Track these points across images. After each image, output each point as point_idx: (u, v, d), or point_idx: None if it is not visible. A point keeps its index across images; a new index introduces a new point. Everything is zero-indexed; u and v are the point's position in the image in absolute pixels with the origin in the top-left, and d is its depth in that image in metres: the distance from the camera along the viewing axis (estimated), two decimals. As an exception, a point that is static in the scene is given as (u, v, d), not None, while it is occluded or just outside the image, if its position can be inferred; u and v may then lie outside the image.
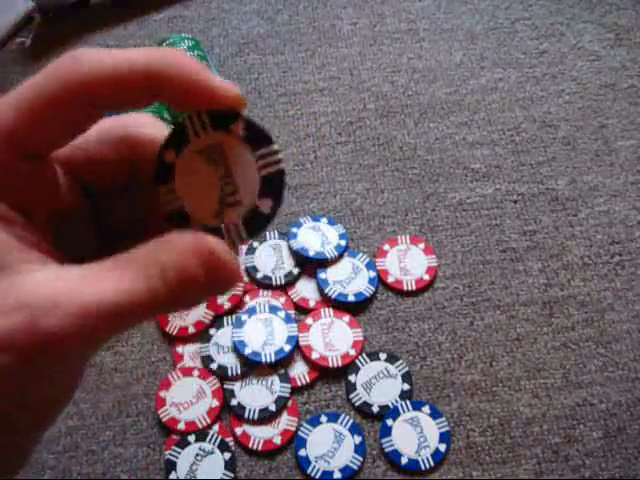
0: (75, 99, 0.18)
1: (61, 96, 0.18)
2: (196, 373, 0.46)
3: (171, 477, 0.42)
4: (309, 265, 0.50)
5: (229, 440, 0.44)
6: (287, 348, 0.46)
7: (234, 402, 0.45)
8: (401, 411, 0.44)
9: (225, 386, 0.45)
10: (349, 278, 0.49)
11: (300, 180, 0.55)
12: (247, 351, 0.46)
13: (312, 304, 0.49)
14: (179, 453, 0.43)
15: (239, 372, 0.46)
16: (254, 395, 0.45)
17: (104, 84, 0.18)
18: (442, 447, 0.43)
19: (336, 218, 0.53)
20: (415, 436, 0.43)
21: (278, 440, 0.44)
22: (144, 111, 0.38)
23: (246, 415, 0.44)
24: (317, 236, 0.51)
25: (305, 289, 0.49)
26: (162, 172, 0.20)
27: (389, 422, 0.44)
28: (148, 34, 0.64)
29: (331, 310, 0.48)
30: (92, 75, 0.18)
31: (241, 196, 0.20)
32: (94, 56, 0.19)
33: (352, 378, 0.46)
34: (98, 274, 0.17)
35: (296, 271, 0.50)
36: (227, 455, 0.43)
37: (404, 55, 0.62)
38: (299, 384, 0.45)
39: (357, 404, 0.45)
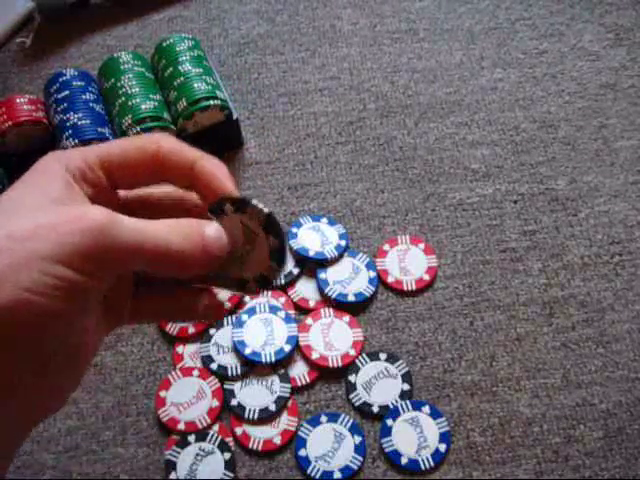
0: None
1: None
2: (196, 373, 0.46)
3: (171, 477, 0.42)
4: (309, 265, 0.50)
5: (229, 440, 0.44)
6: (287, 348, 0.46)
7: (234, 402, 0.45)
8: (401, 411, 0.44)
9: (225, 386, 0.45)
10: (349, 278, 0.49)
11: (300, 180, 0.55)
12: (247, 351, 0.46)
13: (312, 304, 0.49)
14: (179, 453, 0.43)
15: (239, 372, 0.46)
16: (254, 395, 0.45)
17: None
18: (442, 447, 0.43)
19: (336, 218, 0.53)
20: (415, 436, 0.43)
21: (278, 440, 0.44)
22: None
23: (246, 415, 0.44)
24: (317, 236, 0.51)
25: (305, 289, 0.49)
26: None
27: (389, 422, 0.44)
28: (148, 34, 0.65)
29: (331, 310, 0.48)
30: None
31: (255, 260, 0.29)
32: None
33: (352, 378, 0.46)
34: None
35: (296, 271, 0.50)
36: (227, 455, 0.43)
37: (404, 55, 0.62)
38: (299, 384, 0.45)
39: (357, 404, 0.45)
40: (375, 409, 0.44)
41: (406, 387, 0.45)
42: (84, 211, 0.25)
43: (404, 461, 0.43)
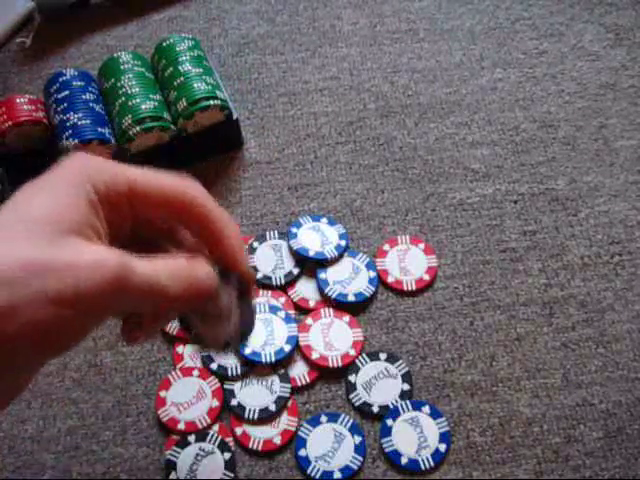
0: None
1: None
2: (196, 373, 0.46)
3: (171, 477, 0.42)
4: (309, 265, 0.50)
5: (229, 440, 0.44)
6: (287, 348, 0.46)
7: (234, 402, 0.45)
8: (401, 411, 0.44)
9: (225, 386, 0.45)
10: (349, 278, 0.49)
11: (300, 180, 0.55)
12: (247, 351, 0.46)
13: (312, 304, 0.49)
14: (179, 453, 0.43)
15: (239, 372, 0.46)
16: (254, 395, 0.45)
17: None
18: (442, 447, 0.43)
19: (336, 218, 0.53)
20: (415, 436, 0.43)
21: (278, 440, 0.44)
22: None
23: (246, 415, 0.44)
24: (317, 236, 0.51)
25: (305, 289, 0.49)
26: None
27: (389, 422, 0.44)
28: (148, 34, 0.65)
29: (331, 310, 0.48)
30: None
31: (219, 332, 0.33)
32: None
33: (352, 378, 0.46)
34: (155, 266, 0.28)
35: (296, 271, 0.50)
36: (227, 455, 0.43)
37: (404, 55, 0.62)
38: (299, 384, 0.45)
39: (357, 404, 0.45)
40: (375, 409, 0.44)
41: (406, 387, 0.45)
42: (102, 257, 0.25)
43: (404, 461, 0.43)
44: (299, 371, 0.46)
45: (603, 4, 0.64)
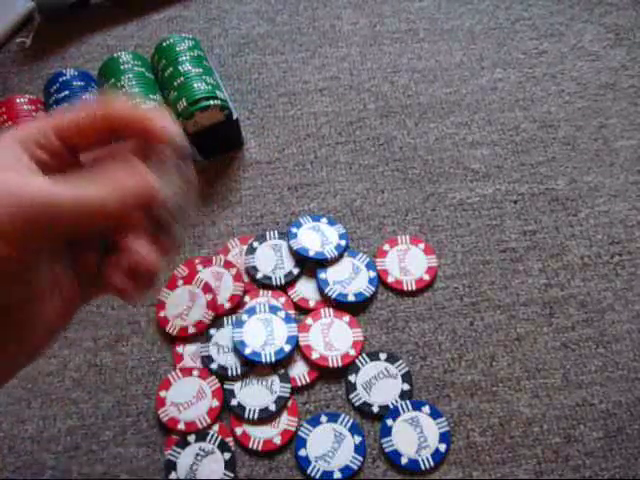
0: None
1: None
2: (196, 373, 0.46)
3: (171, 477, 0.42)
4: (309, 265, 0.50)
5: (229, 440, 0.44)
6: (287, 348, 0.46)
7: (234, 402, 0.45)
8: (401, 411, 0.44)
9: (225, 386, 0.45)
10: (349, 278, 0.49)
11: (300, 180, 0.55)
12: (247, 351, 0.46)
13: (312, 304, 0.49)
14: (179, 453, 0.43)
15: (239, 372, 0.46)
16: (254, 395, 0.45)
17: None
18: (442, 447, 0.43)
19: (336, 218, 0.53)
20: (415, 436, 0.43)
21: (278, 440, 0.44)
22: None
23: (246, 415, 0.44)
24: (317, 236, 0.51)
25: (305, 289, 0.49)
26: None
27: (389, 422, 0.44)
28: (148, 34, 0.65)
29: (331, 310, 0.48)
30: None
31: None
32: None
33: (352, 378, 0.46)
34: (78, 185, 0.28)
35: (296, 271, 0.50)
36: (227, 455, 0.43)
37: (404, 55, 0.62)
38: (299, 384, 0.45)
39: (357, 404, 0.45)
40: (375, 409, 0.44)
41: (406, 387, 0.45)
42: (24, 183, 0.26)
43: (404, 461, 0.43)
44: (299, 371, 0.46)
45: (603, 4, 0.64)
